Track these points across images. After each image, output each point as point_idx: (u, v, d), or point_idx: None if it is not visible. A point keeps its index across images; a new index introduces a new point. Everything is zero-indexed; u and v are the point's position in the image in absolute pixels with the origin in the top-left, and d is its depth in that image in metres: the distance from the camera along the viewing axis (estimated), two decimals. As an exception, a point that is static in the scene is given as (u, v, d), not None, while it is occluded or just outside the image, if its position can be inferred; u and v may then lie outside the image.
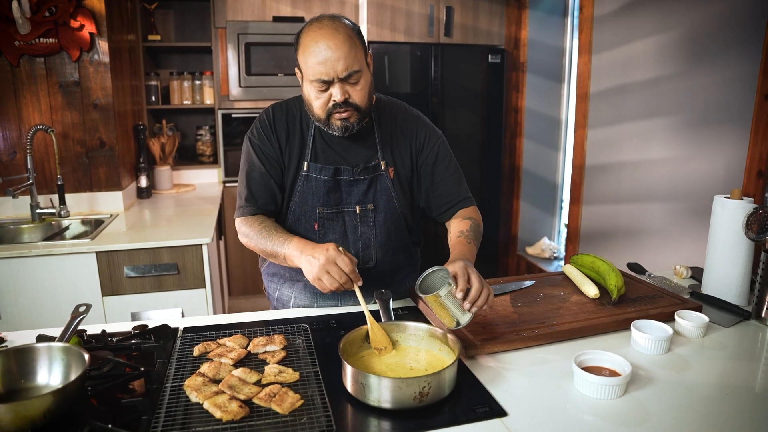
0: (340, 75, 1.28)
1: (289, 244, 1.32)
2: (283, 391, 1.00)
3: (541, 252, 4.03)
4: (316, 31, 1.28)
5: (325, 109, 1.34)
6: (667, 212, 2.50)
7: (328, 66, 1.26)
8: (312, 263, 1.23)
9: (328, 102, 1.32)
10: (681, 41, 2.36)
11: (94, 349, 1.19)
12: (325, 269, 1.21)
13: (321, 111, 1.35)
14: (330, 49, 1.26)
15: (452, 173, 1.52)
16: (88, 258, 2.22)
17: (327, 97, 1.32)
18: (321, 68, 1.27)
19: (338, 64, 1.26)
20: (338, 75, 1.28)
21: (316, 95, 1.33)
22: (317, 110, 1.35)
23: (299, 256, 1.28)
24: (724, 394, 1.05)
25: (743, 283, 1.47)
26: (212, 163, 3.78)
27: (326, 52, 1.26)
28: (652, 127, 2.56)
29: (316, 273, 1.22)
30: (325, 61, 1.26)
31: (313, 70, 1.28)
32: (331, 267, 1.21)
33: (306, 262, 1.25)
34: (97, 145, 2.72)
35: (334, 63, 1.26)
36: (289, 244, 1.32)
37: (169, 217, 2.76)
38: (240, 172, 1.50)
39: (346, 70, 1.27)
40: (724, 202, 1.47)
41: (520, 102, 3.96)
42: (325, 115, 1.35)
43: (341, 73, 1.28)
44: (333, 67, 1.26)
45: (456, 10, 3.71)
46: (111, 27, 2.69)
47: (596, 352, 1.11)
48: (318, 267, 1.22)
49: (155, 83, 3.55)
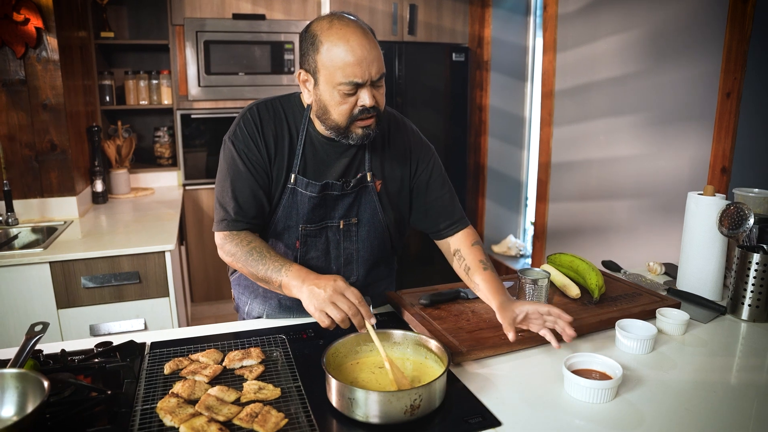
0: (374, 77, 1.18)
1: (287, 272, 1.20)
2: (266, 409, 0.94)
3: (507, 250, 4.06)
4: (343, 29, 1.17)
5: (350, 115, 1.22)
6: (634, 209, 2.54)
7: (364, 67, 1.16)
8: (316, 294, 1.12)
9: (353, 108, 1.21)
10: (645, 40, 2.40)
11: (52, 371, 1.10)
12: (331, 300, 1.10)
13: (343, 118, 1.22)
14: (365, 49, 1.16)
15: (446, 191, 1.43)
16: (41, 269, 2.08)
17: (353, 102, 1.20)
18: (355, 69, 1.16)
19: (373, 65, 1.17)
20: (372, 77, 1.18)
21: (340, 100, 1.20)
22: (338, 117, 1.22)
23: (300, 286, 1.16)
24: (713, 392, 1.05)
25: (717, 278, 1.48)
26: (171, 166, 3.63)
27: (361, 51, 1.15)
28: (617, 125, 2.60)
29: (320, 305, 1.11)
30: (359, 61, 1.15)
31: (344, 72, 1.16)
32: (338, 298, 1.11)
33: (308, 293, 1.14)
34: (48, 148, 2.56)
35: (369, 65, 1.17)
36: (287, 271, 1.20)
37: (128, 223, 2.62)
38: (221, 179, 1.33)
39: (379, 72, 1.19)
40: (697, 199, 1.48)
41: (484, 100, 3.98)
42: (348, 122, 1.23)
43: (375, 75, 1.18)
44: (368, 69, 1.17)
45: (420, 8, 3.68)
46: (60, 22, 2.54)
47: (585, 354, 1.09)
48: (323, 299, 1.11)
49: (109, 83, 3.38)
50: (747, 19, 1.96)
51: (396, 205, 1.43)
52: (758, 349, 1.26)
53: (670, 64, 2.28)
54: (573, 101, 2.92)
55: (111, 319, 2.19)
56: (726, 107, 2.03)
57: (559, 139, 3.06)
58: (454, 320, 1.30)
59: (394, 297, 1.44)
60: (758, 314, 1.37)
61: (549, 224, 3.24)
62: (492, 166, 4.08)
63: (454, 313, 1.34)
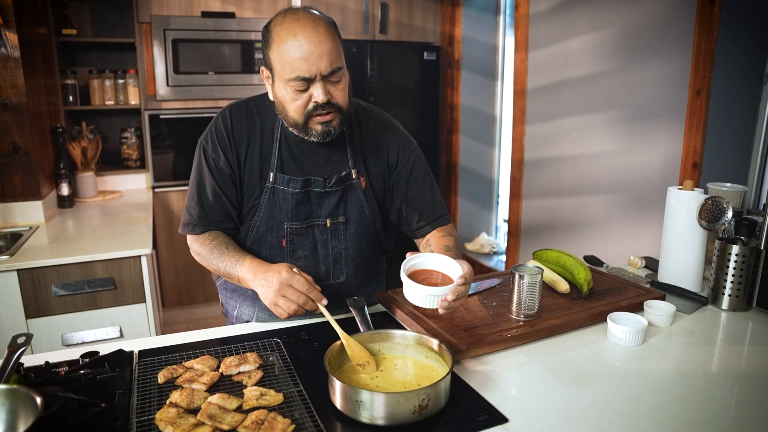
0: (323, 72, 1.17)
1: (241, 266, 1.23)
2: (271, 416, 0.91)
3: (480, 247, 4.10)
4: (293, 23, 1.16)
5: (304, 111, 1.22)
6: (608, 204, 2.60)
7: (311, 62, 1.15)
8: (266, 288, 1.16)
9: (308, 103, 1.21)
10: (616, 39, 2.46)
11: (36, 384, 1.05)
12: (281, 294, 1.14)
13: (298, 114, 1.22)
14: (312, 43, 1.15)
15: (427, 188, 1.42)
16: (8, 277, 1.98)
17: (306, 98, 1.20)
18: (302, 64, 1.15)
19: (321, 60, 1.15)
20: (321, 72, 1.17)
21: (293, 96, 1.21)
22: (294, 113, 1.23)
23: (253, 280, 1.20)
24: (704, 380, 1.08)
25: (698, 270, 1.53)
26: (140, 168, 3.53)
27: (308, 46, 1.14)
28: (590, 122, 2.65)
29: (272, 298, 1.15)
30: (307, 56, 1.15)
31: (291, 67, 1.16)
32: (287, 290, 1.14)
33: (260, 287, 1.18)
34: (10, 150, 2.45)
35: (317, 59, 1.15)
36: (241, 266, 1.23)
37: (97, 227, 2.53)
38: (191, 182, 1.36)
39: (329, 67, 1.17)
40: (678, 194, 1.52)
41: (455, 99, 4.01)
42: (304, 118, 1.23)
43: (325, 70, 1.17)
44: (316, 63, 1.15)
45: (391, 7, 3.68)
46: (20, 18, 2.43)
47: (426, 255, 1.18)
48: (273, 292, 1.15)
49: (72, 82, 3.25)
50: (714, 20, 2.03)
51: (382, 201, 1.43)
52: (740, 337, 1.31)
53: (642, 62, 2.34)
54: (545, 99, 2.97)
55: (85, 327, 2.11)
56: (696, 104, 2.10)
57: (532, 137, 3.11)
58: (449, 318, 1.30)
59: (386, 296, 1.43)
60: (738, 304, 1.41)
61: (523, 221, 3.29)
62: (464, 164, 4.12)
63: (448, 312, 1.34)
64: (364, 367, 1.07)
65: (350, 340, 1.09)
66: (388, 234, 1.50)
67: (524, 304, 1.27)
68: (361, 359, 1.07)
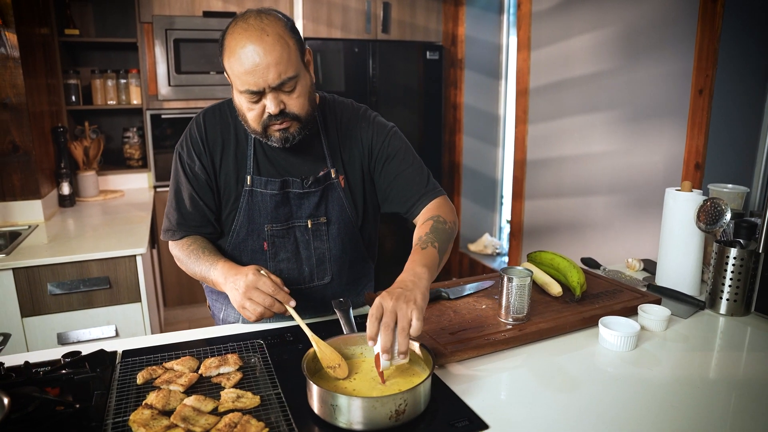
0: (271, 84, 1.12)
1: (215, 270, 1.22)
2: (245, 419, 0.90)
3: (483, 248, 4.07)
4: (240, 34, 1.11)
5: (260, 121, 1.19)
6: (610, 205, 2.56)
7: (257, 75, 1.11)
8: (234, 293, 1.14)
9: (263, 114, 1.18)
10: (618, 37, 2.42)
11: (15, 385, 1.03)
12: (247, 296, 1.12)
13: (256, 124, 1.20)
14: (258, 55, 1.10)
15: (408, 166, 1.36)
16: (4, 276, 1.98)
17: (260, 109, 1.17)
18: (249, 78, 1.11)
19: (268, 72, 1.11)
20: (269, 84, 1.12)
21: (248, 106, 1.18)
22: (252, 123, 1.20)
23: (224, 283, 1.19)
24: (696, 387, 1.05)
25: (695, 273, 1.49)
26: (141, 167, 3.54)
27: (254, 58, 1.10)
28: (592, 122, 2.62)
29: (239, 301, 1.13)
30: (253, 69, 1.10)
31: (240, 80, 1.13)
32: (253, 292, 1.12)
33: (230, 290, 1.16)
34: (10, 149, 2.46)
35: (264, 71, 1.10)
36: (214, 269, 1.22)
37: (97, 227, 2.54)
38: (169, 189, 1.36)
39: (278, 79, 1.12)
40: (675, 195, 1.49)
41: (458, 99, 3.98)
42: (261, 127, 1.20)
43: (273, 82, 1.12)
44: (262, 77, 1.11)
45: (393, 6, 3.66)
46: (20, 17, 2.44)
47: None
48: (240, 295, 1.13)
49: (75, 82, 3.27)
50: (717, 18, 1.99)
51: (362, 198, 1.40)
52: (737, 343, 1.27)
53: (644, 61, 2.30)
54: (547, 99, 2.93)
55: (80, 326, 2.11)
56: (699, 104, 2.06)
57: (534, 137, 3.08)
58: (436, 321, 1.28)
59: (374, 298, 1.41)
60: (736, 308, 1.38)
61: (525, 222, 3.26)
62: (467, 164, 4.09)
63: (435, 314, 1.32)
64: (335, 369, 1.04)
65: (320, 343, 1.07)
66: (372, 234, 1.48)
67: (513, 308, 1.25)
68: (331, 362, 1.05)
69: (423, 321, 0.99)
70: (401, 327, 0.97)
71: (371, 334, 0.98)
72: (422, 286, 1.05)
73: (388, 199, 1.40)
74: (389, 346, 0.96)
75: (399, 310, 0.98)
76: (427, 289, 1.06)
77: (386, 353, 0.96)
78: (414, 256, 1.16)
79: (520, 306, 1.24)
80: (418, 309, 0.99)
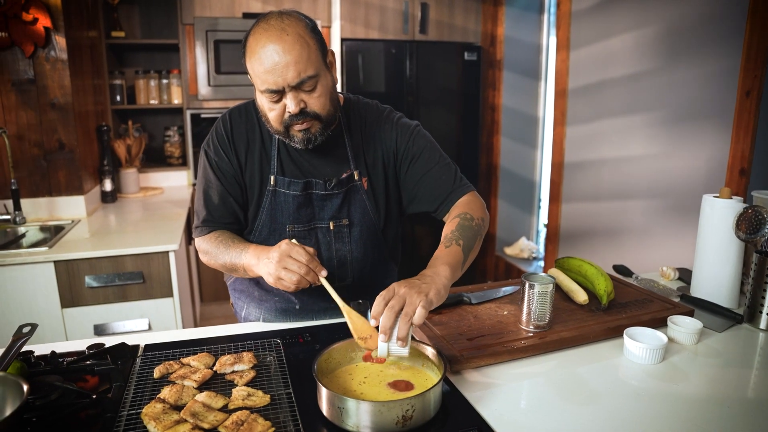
0: (291, 83, 1.13)
1: (245, 254, 1.22)
2: (252, 417, 0.90)
3: (519, 252, 3.99)
4: (261, 34, 1.12)
5: (282, 121, 1.20)
6: (649, 210, 2.47)
7: (277, 74, 1.11)
8: (268, 265, 1.12)
9: (284, 113, 1.18)
10: (660, 36, 2.33)
11: (41, 373, 1.08)
12: (282, 266, 1.10)
13: (277, 123, 1.21)
14: (277, 54, 1.10)
15: (435, 164, 1.34)
16: (46, 268, 2.07)
17: (281, 108, 1.18)
18: (269, 77, 1.12)
19: (288, 71, 1.11)
20: (289, 83, 1.13)
21: (270, 106, 1.18)
22: (274, 122, 1.21)
23: (257, 264, 1.17)
24: (726, 406, 0.99)
25: (734, 285, 1.42)
26: (181, 165, 3.63)
27: (273, 57, 1.10)
28: (631, 124, 2.53)
29: (274, 272, 1.11)
30: (272, 68, 1.11)
31: (260, 80, 1.14)
32: (287, 261, 1.10)
33: (263, 266, 1.14)
34: (56, 147, 2.57)
35: (283, 70, 1.11)
36: (245, 253, 1.22)
37: (136, 222, 2.62)
38: (197, 188, 1.38)
39: (297, 77, 1.12)
40: (713, 202, 1.41)
41: (496, 100, 3.92)
42: (283, 127, 1.21)
43: (292, 81, 1.13)
44: (282, 75, 1.11)
45: (431, 7, 3.64)
46: (69, 22, 2.54)
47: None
48: (274, 266, 1.11)
49: (120, 82, 3.39)
50: (768, 15, 1.88)
51: (385, 200, 1.39)
52: (776, 360, 1.19)
53: (686, 61, 2.20)
54: (586, 100, 2.85)
55: (115, 318, 2.18)
56: (745, 106, 1.95)
57: (572, 139, 3.00)
58: (455, 325, 1.26)
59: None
60: (777, 323, 1.30)
61: (562, 226, 3.17)
62: (504, 166, 4.02)
63: (455, 318, 1.30)
64: (366, 341, 1.04)
65: (352, 313, 1.07)
66: (395, 237, 1.47)
67: (534, 315, 1.21)
68: (363, 332, 1.05)
69: (427, 311, 0.98)
70: (405, 312, 0.97)
71: (375, 313, 0.99)
72: (439, 283, 1.04)
73: (416, 199, 1.38)
74: (388, 327, 0.97)
75: (408, 297, 0.98)
76: (444, 287, 1.05)
77: (384, 333, 0.97)
78: (438, 253, 1.15)
79: (541, 313, 1.21)
80: (428, 301, 0.99)
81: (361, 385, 1.02)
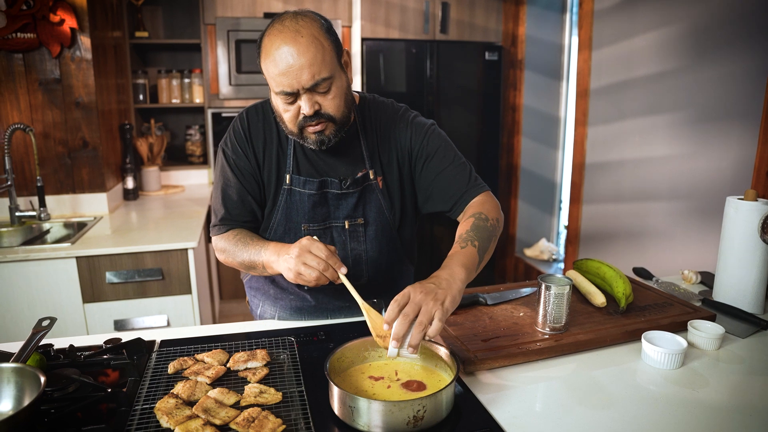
0: (305, 85, 1.12)
1: (265, 251, 1.22)
2: (263, 414, 0.90)
3: (539, 254, 3.95)
4: (275, 35, 1.12)
5: (296, 122, 1.20)
6: (671, 212, 2.42)
7: (291, 76, 1.11)
8: (288, 261, 1.12)
9: (298, 115, 1.18)
10: (684, 35, 2.28)
11: (60, 366, 1.10)
12: (301, 261, 1.09)
13: (292, 125, 1.21)
14: (292, 56, 1.10)
15: (449, 163, 1.33)
16: (68, 263, 2.12)
17: (296, 110, 1.18)
18: (283, 79, 1.12)
19: (302, 73, 1.11)
20: (303, 86, 1.12)
21: (284, 108, 1.18)
22: (288, 124, 1.21)
23: (277, 261, 1.17)
24: (749, 415, 0.96)
25: (758, 289, 1.38)
26: (202, 164, 3.68)
27: (288, 59, 1.10)
28: (654, 124, 2.48)
29: (294, 267, 1.10)
30: (287, 71, 1.10)
31: (275, 81, 1.13)
32: (306, 256, 1.09)
33: (283, 262, 1.14)
34: (80, 145, 2.62)
35: (297, 72, 1.10)
36: (265, 250, 1.22)
37: (157, 220, 2.66)
38: (214, 187, 1.38)
39: (311, 80, 1.12)
40: (737, 204, 1.38)
41: (518, 100, 3.88)
42: (297, 128, 1.21)
43: (307, 83, 1.12)
44: (296, 78, 1.11)
45: (452, 6, 3.62)
46: (94, 22, 2.59)
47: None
48: (294, 261, 1.10)
49: (143, 81, 3.44)
50: (798, 12, 1.83)
51: (400, 200, 1.38)
52: (802, 367, 1.16)
53: (712, 60, 2.15)
54: (608, 100, 2.80)
55: (135, 314, 2.21)
56: (773, 106, 1.90)
57: (594, 140, 2.95)
58: (470, 326, 1.24)
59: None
60: (803, 329, 1.26)
61: (582, 228, 3.13)
62: (525, 166, 3.98)
63: (470, 319, 1.29)
64: (384, 339, 1.03)
65: (371, 311, 1.07)
66: (411, 236, 1.46)
67: (550, 317, 1.19)
68: (382, 330, 1.03)
69: (443, 323, 0.97)
70: (419, 321, 0.96)
71: (389, 318, 0.98)
72: (455, 288, 1.03)
73: (430, 198, 1.37)
74: (401, 335, 0.96)
75: (424, 305, 0.97)
76: (459, 292, 1.04)
77: (396, 340, 0.96)
78: (453, 253, 1.14)
79: (557, 315, 1.19)
80: (443, 311, 0.97)
81: (374, 385, 1.02)
